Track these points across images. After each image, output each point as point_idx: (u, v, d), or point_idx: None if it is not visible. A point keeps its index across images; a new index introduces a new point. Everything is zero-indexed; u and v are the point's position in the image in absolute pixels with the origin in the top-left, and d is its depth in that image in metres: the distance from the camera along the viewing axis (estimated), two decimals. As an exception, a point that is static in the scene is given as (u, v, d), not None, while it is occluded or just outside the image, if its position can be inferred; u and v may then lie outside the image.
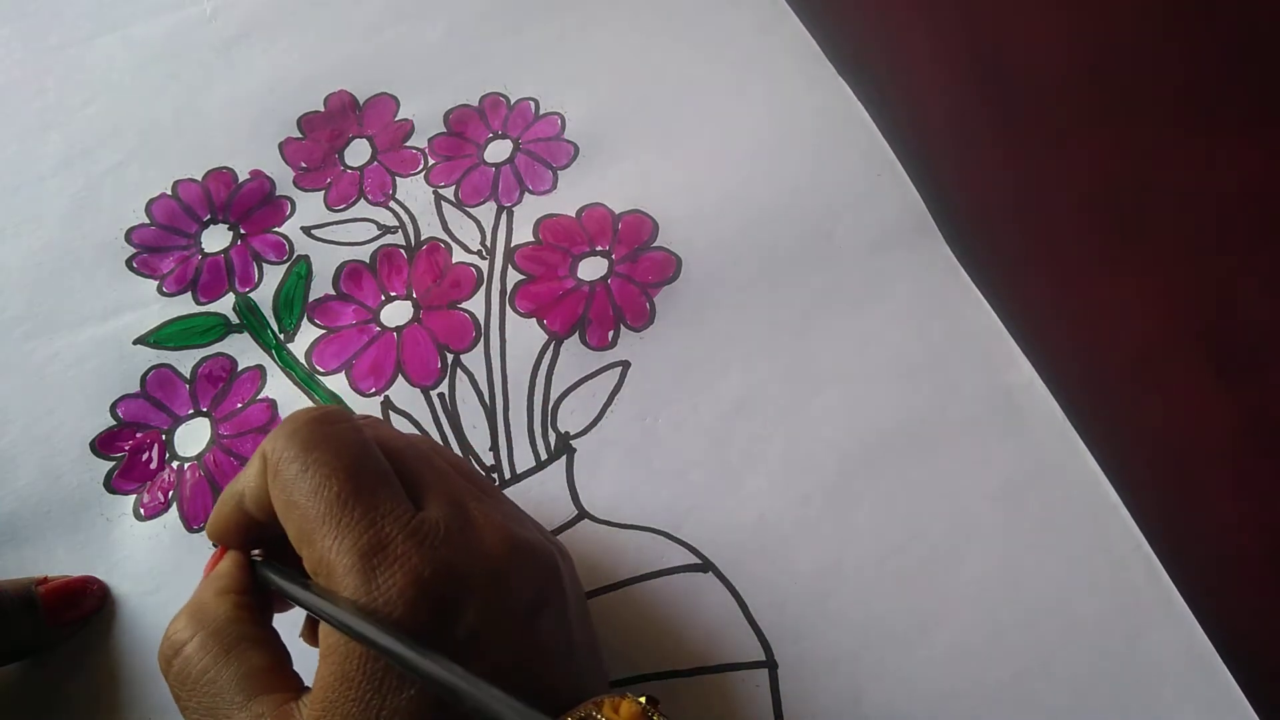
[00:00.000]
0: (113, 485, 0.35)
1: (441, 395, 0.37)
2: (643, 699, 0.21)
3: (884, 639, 0.31)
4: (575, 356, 0.37)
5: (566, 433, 0.36)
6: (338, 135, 0.44)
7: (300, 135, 0.44)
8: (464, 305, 0.39)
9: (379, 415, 0.36)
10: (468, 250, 0.40)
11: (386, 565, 0.22)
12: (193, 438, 0.36)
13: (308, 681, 0.23)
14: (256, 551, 0.27)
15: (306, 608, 0.23)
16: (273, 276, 0.40)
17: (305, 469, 0.23)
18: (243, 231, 0.41)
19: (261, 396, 0.37)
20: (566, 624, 0.25)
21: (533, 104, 0.44)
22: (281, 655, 0.24)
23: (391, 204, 0.42)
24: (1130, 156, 0.30)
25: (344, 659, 0.21)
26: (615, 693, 0.22)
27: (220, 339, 0.38)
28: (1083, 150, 0.31)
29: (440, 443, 0.35)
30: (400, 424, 0.36)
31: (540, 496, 0.34)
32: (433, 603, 0.22)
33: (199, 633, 0.24)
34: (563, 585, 0.25)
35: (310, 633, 0.27)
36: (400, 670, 0.21)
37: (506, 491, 0.34)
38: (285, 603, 0.26)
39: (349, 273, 0.40)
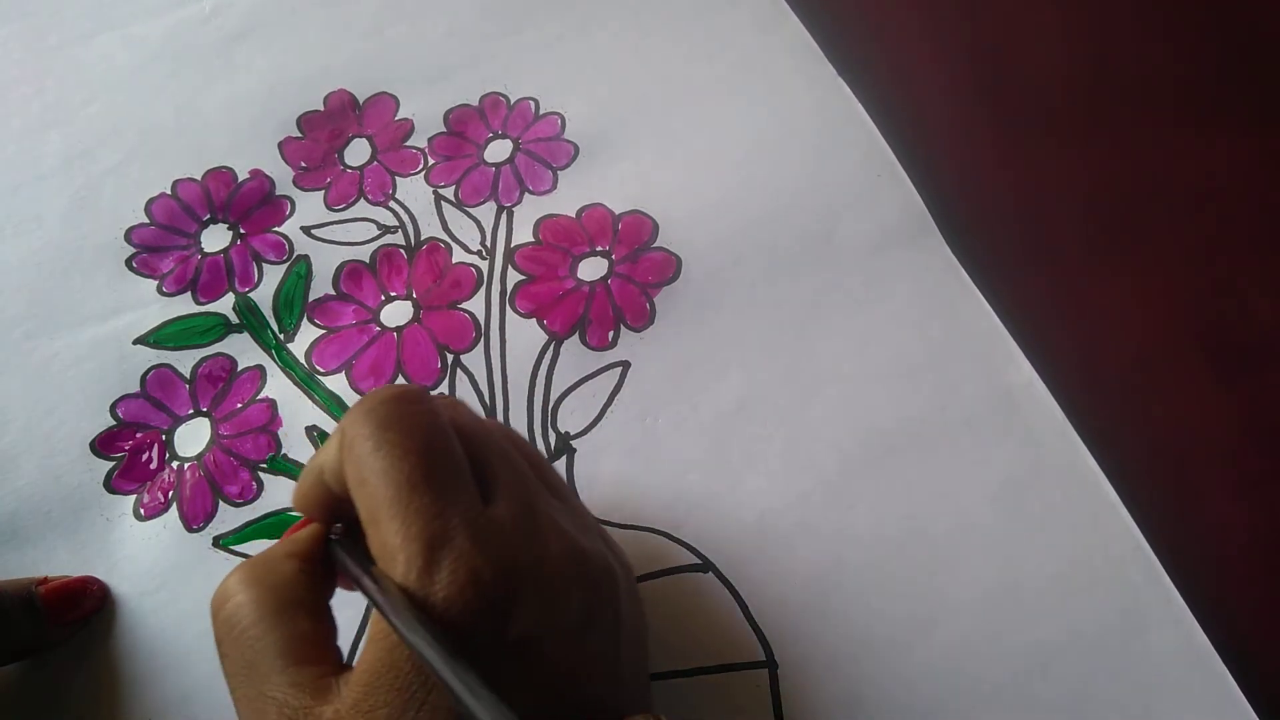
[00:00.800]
0: (113, 485, 0.35)
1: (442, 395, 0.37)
2: None
3: (884, 639, 0.31)
4: (575, 356, 0.37)
5: (566, 433, 0.36)
6: (337, 135, 0.44)
7: (300, 135, 0.44)
8: (464, 305, 0.39)
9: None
10: (468, 250, 0.40)
11: (449, 560, 0.21)
12: (193, 438, 0.36)
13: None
14: (337, 526, 0.26)
15: (363, 592, 0.23)
16: (272, 276, 0.40)
17: (378, 448, 0.22)
18: (242, 231, 0.41)
19: (261, 396, 0.37)
20: (616, 642, 0.24)
21: (533, 104, 0.44)
22: (329, 629, 0.24)
23: (391, 204, 0.42)
24: (1130, 156, 0.30)
25: (394, 646, 0.21)
26: (648, 715, 0.22)
27: (220, 339, 0.38)
28: (1083, 150, 0.31)
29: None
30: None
31: (540, 496, 0.34)
32: (489, 605, 0.21)
33: (257, 586, 0.23)
34: (618, 603, 0.25)
35: None
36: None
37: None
38: (350, 584, 0.26)
39: (349, 273, 0.40)
